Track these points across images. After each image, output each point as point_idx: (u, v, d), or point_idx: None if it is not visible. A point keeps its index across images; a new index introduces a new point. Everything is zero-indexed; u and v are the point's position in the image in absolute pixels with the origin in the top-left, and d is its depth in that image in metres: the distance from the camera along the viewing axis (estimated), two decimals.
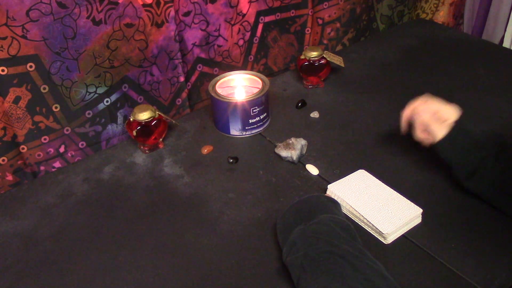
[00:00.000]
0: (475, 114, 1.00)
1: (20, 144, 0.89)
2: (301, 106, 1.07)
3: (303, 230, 0.67)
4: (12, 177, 0.91)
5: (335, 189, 0.81)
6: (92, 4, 0.84)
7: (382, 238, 0.74)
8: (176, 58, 1.01)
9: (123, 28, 0.90)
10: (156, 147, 0.97)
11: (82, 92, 0.91)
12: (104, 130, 0.98)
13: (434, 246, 0.73)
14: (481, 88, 1.11)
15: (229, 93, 1.00)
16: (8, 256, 0.76)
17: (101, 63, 0.91)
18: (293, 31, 1.20)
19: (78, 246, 0.77)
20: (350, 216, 0.78)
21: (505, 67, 1.19)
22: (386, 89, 1.13)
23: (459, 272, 0.69)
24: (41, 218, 0.83)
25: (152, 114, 0.92)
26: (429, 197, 0.81)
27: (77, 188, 0.88)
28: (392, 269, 0.68)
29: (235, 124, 0.98)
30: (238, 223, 0.79)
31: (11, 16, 0.78)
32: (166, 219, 0.81)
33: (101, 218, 0.82)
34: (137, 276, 0.71)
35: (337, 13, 1.25)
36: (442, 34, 1.36)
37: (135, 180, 0.89)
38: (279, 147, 0.92)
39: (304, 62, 1.10)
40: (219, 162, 0.93)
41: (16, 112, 0.85)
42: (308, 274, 0.61)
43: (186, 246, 0.76)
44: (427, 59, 1.24)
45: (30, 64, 0.83)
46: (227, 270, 0.71)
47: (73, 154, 0.96)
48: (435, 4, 1.48)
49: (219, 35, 1.06)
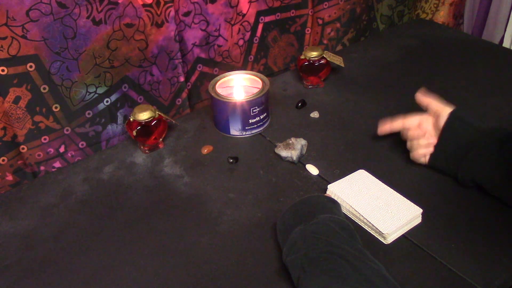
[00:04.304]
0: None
1: (20, 144, 0.89)
2: (301, 106, 1.07)
3: (303, 230, 0.67)
4: (12, 177, 0.91)
5: (335, 189, 0.81)
6: (92, 4, 0.84)
7: (382, 238, 0.74)
8: (176, 58, 1.01)
9: (123, 28, 0.90)
10: (156, 147, 0.97)
11: (82, 92, 0.91)
12: (104, 130, 0.98)
13: (434, 246, 0.73)
14: (481, 88, 1.11)
15: (229, 93, 1.00)
16: (8, 256, 0.76)
17: (101, 63, 0.91)
18: (293, 31, 1.20)
19: (78, 246, 0.77)
20: (350, 216, 0.78)
21: (505, 67, 1.19)
22: (386, 89, 1.13)
23: (459, 272, 0.69)
24: (41, 218, 0.83)
25: (152, 114, 0.92)
26: (429, 197, 0.81)
27: (77, 188, 0.88)
28: (392, 269, 0.68)
29: (235, 124, 0.98)
30: (238, 223, 0.79)
31: (11, 16, 0.78)
32: (166, 219, 0.81)
33: (101, 218, 0.82)
34: (137, 276, 0.71)
35: (337, 13, 1.25)
36: (442, 34, 1.36)
37: (135, 180, 0.89)
38: (279, 147, 0.92)
39: (304, 62, 1.10)
40: (219, 162, 0.93)
41: (16, 112, 0.85)
42: (308, 274, 0.61)
43: (186, 246, 0.76)
44: (427, 59, 1.24)
45: (30, 64, 0.83)
46: (227, 270, 0.71)
47: (73, 154, 0.96)
48: (435, 4, 1.48)
49: (219, 35, 1.06)
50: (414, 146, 0.86)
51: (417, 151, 0.86)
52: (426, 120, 0.85)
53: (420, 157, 0.86)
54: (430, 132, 0.85)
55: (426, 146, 0.85)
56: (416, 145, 0.86)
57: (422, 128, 0.85)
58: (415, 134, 0.86)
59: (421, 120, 0.86)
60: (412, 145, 0.87)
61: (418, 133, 0.85)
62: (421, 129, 0.85)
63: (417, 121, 0.86)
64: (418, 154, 0.86)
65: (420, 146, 0.85)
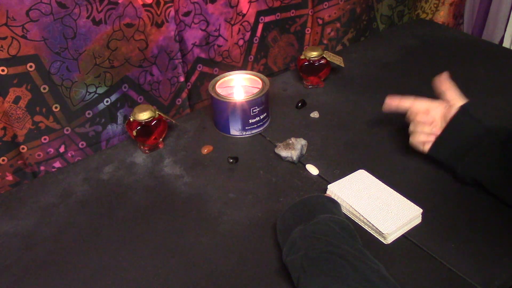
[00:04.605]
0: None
1: (20, 144, 0.89)
2: (301, 106, 1.07)
3: (303, 230, 0.67)
4: (12, 177, 0.91)
5: (335, 189, 0.81)
6: (92, 4, 0.84)
7: (382, 238, 0.74)
8: (176, 58, 1.01)
9: (123, 28, 0.90)
10: (156, 147, 0.97)
11: (82, 92, 0.91)
12: (104, 130, 0.98)
13: (434, 246, 0.73)
14: (481, 88, 1.11)
15: (229, 93, 1.00)
16: (8, 256, 0.76)
17: (101, 63, 0.91)
18: (293, 31, 1.20)
19: (78, 246, 0.77)
20: (350, 216, 0.78)
21: (505, 67, 1.19)
22: (386, 89, 1.12)
23: (459, 272, 0.69)
24: (41, 218, 0.83)
25: (152, 114, 0.92)
26: (429, 197, 0.81)
27: (77, 188, 0.88)
28: (392, 269, 0.68)
29: (235, 124, 0.98)
30: (238, 223, 0.79)
31: (11, 16, 0.78)
32: (166, 219, 0.81)
33: (101, 218, 0.82)
34: (137, 276, 0.71)
35: (337, 13, 1.25)
36: (442, 34, 1.36)
37: (135, 180, 0.89)
38: (279, 147, 0.92)
39: (304, 62, 1.10)
40: (219, 162, 0.93)
41: (16, 112, 0.85)
42: (308, 274, 0.61)
43: (186, 246, 0.76)
44: (427, 59, 1.24)
45: (30, 64, 0.83)
46: (227, 270, 0.71)
47: (73, 154, 0.96)
48: (435, 4, 1.48)
49: (219, 35, 1.06)
50: (417, 131, 0.84)
51: (418, 137, 0.83)
52: (435, 108, 0.83)
53: (420, 144, 0.84)
54: (436, 121, 0.82)
55: (428, 134, 0.83)
56: (420, 131, 0.83)
57: (429, 115, 0.83)
58: (421, 120, 0.83)
59: (430, 107, 0.83)
60: (415, 129, 0.84)
61: (425, 120, 0.83)
62: (430, 116, 0.83)
63: (426, 107, 0.83)
64: (418, 140, 0.84)
65: (423, 133, 0.83)
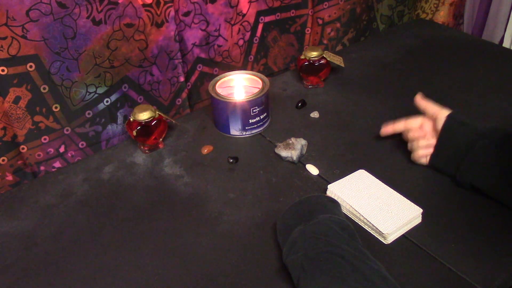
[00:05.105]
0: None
1: (20, 144, 0.89)
2: (301, 106, 1.07)
3: (303, 230, 0.67)
4: (12, 177, 0.91)
5: (335, 189, 0.81)
6: (92, 4, 0.84)
7: (382, 238, 0.74)
8: (176, 58, 1.01)
9: (123, 28, 0.90)
10: (156, 147, 0.97)
11: (82, 92, 0.91)
12: (104, 130, 0.98)
13: (434, 246, 0.73)
14: (481, 88, 1.11)
15: (229, 93, 1.00)
16: (8, 256, 0.76)
17: (101, 63, 0.91)
18: (293, 31, 1.20)
19: (78, 246, 0.77)
20: (350, 216, 0.78)
21: (505, 67, 1.19)
22: (386, 89, 1.13)
23: (459, 272, 0.69)
24: (41, 218, 0.83)
25: (152, 114, 0.92)
26: (429, 197, 0.81)
27: (77, 188, 0.88)
28: (392, 269, 0.68)
29: (235, 124, 0.98)
30: (238, 223, 0.79)
31: (11, 16, 0.78)
32: (166, 219, 0.81)
33: (101, 218, 0.82)
34: (137, 276, 0.71)
35: (337, 13, 1.25)
36: (442, 34, 1.36)
37: (135, 180, 0.89)
38: (279, 147, 0.92)
39: (304, 62, 1.10)
40: (219, 162, 0.93)
41: (16, 112, 0.85)
42: (308, 274, 0.61)
43: (186, 246, 0.76)
44: (427, 59, 1.24)
45: (30, 64, 0.83)
46: (227, 270, 0.71)
47: (73, 154, 0.96)
48: (435, 4, 1.48)
49: (219, 35, 1.06)
50: (415, 147, 0.87)
51: (417, 152, 0.86)
52: (427, 122, 0.86)
53: (421, 158, 0.87)
54: (430, 133, 0.86)
55: (426, 147, 0.85)
56: (416, 146, 0.86)
57: (423, 129, 0.86)
58: (415, 135, 0.87)
59: (422, 121, 0.87)
60: (413, 146, 0.87)
61: (418, 134, 0.86)
62: (422, 130, 0.86)
63: (419, 123, 0.87)
64: (418, 155, 0.87)
65: (420, 147, 0.86)
